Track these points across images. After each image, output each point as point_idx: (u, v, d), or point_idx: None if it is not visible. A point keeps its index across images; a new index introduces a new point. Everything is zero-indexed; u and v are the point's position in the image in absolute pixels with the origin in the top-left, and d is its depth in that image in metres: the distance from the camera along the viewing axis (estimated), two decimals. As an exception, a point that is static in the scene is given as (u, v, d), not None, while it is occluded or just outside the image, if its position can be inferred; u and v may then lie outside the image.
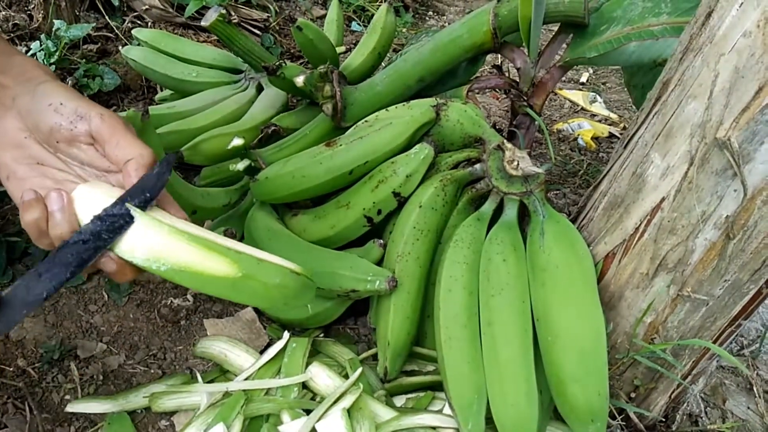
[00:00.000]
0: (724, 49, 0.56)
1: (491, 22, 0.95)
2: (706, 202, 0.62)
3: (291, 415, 0.75)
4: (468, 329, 0.77)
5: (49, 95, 0.61)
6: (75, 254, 0.57)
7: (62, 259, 0.56)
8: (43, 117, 0.61)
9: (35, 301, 0.55)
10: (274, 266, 0.61)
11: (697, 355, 0.75)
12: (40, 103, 0.61)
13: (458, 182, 0.86)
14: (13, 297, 0.55)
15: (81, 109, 0.61)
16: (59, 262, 0.56)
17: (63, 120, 0.61)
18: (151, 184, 0.61)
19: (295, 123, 1.12)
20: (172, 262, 0.58)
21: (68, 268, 0.56)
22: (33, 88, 0.62)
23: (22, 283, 0.56)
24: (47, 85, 0.62)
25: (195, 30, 1.70)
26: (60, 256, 0.57)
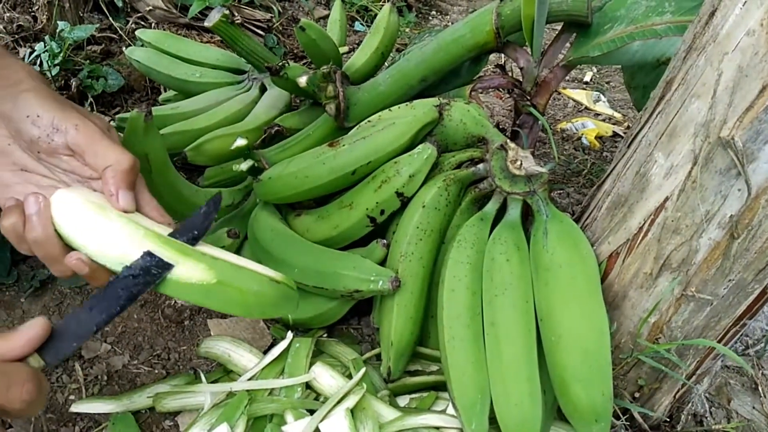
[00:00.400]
0: (728, 48, 0.56)
1: (494, 22, 0.95)
2: (710, 202, 0.62)
3: (294, 415, 0.75)
4: (471, 329, 0.77)
5: (28, 107, 0.61)
6: (125, 289, 0.58)
7: (113, 293, 0.58)
8: (23, 128, 0.61)
9: (85, 334, 0.57)
10: (252, 273, 0.61)
11: (701, 354, 0.75)
12: (20, 114, 0.61)
13: (461, 182, 0.86)
14: (64, 329, 0.56)
15: (57, 121, 0.61)
16: (110, 297, 0.58)
17: (40, 133, 0.61)
18: (199, 222, 0.63)
19: (299, 123, 1.12)
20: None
21: (118, 302, 0.58)
22: (15, 96, 0.62)
23: (74, 317, 0.57)
24: (27, 95, 0.62)
25: (198, 31, 1.70)
26: (110, 291, 0.58)
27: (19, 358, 0.53)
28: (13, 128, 0.62)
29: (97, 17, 1.63)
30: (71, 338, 0.56)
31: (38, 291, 0.96)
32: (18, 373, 0.51)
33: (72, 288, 0.97)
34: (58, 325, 0.56)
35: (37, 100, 0.61)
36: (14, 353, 0.52)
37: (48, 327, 0.54)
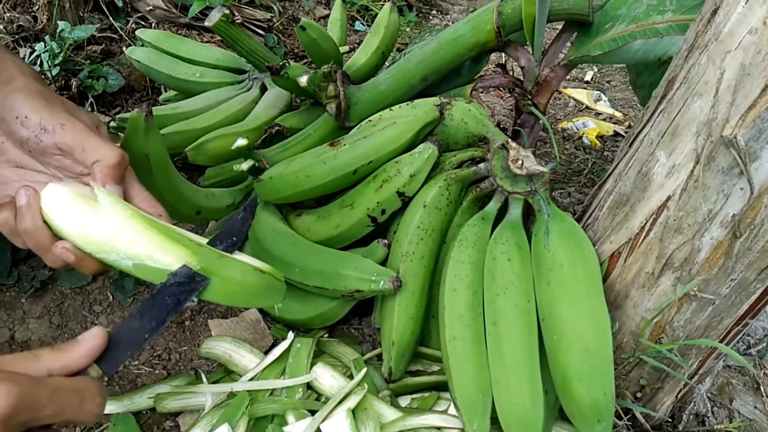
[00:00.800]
0: (730, 46, 0.56)
1: (495, 21, 0.95)
2: (713, 201, 0.61)
3: (296, 415, 0.75)
4: (473, 329, 0.76)
5: (17, 107, 0.62)
6: (172, 296, 0.59)
7: (161, 300, 0.59)
8: (14, 129, 0.62)
9: (138, 341, 0.58)
10: (236, 262, 0.62)
11: (703, 354, 0.74)
12: (11, 115, 0.62)
13: (462, 181, 0.86)
14: (119, 338, 0.57)
15: (44, 122, 0.61)
16: (158, 304, 0.59)
17: (29, 134, 0.61)
18: (237, 228, 0.65)
19: (299, 123, 1.12)
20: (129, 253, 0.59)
21: (167, 309, 0.59)
22: (6, 96, 0.62)
23: (126, 324, 0.58)
24: (17, 96, 0.62)
25: (199, 30, 1.70)
26: (159, 298, 0.59)
27: (81, 370, 0.53)
28: (5, 128, 0.62)
29: (98, 17, 1.63)
30: (125, 346, 0.57)
31: (39, 291, 0.96)
32: (89, 388, 0.51)
33: (72, 288, 0.97)
34: (113, 334, 0.57)
35: (26, 101, 0.62)
36: (77, 365, 0.52)
37: (106, 337, 0.55)
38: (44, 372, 0.50)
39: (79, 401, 0.50)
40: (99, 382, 0.53)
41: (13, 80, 0.63)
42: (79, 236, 0.59)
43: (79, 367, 0.53)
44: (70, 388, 0.50)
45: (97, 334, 0.54)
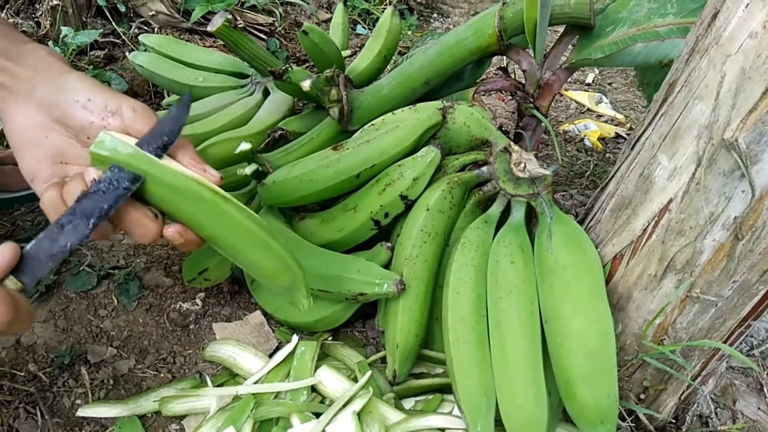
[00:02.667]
0: (731, 50, 0.56)
1: (497, 25, 0.95)
2: (714, 203, 0.62)
3: (301, 418, 0.76)
4: (476, 331, 0.77)
5: (75, 90, 0.59)
6: (96, 203, 0.56)
7: (83, 209, 0.56)
8: (72, 113, 0.59)
9: (59, 253, 0.55)
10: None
11: (706, 356, 0.75)
12: (66, 99, 0.59)
13: (465, 185, 0.86)
14: (37, 250, 0.55)
15: (111, 104, 0.59)
16: (80, 214, 0.56)
17: (94, 117, 0.59)
18: (169, 128, 0.61)
19: (302, 127, 1.12)
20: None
21: (90, 219, 0.56)
22: (54, 80, 0.59)
23: (45, 236, 0.55)
24: (69, 78, 0.59)
25: (201, 35, 1.71)
26: (80, 207, 0.56)
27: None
28: (56, 116, 0.59)
29: (100, 22, 1.64)
30: (45, 258, 0.55)
31: (44, 296, 0.96)
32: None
33: (77, 292, 0.97)
34: (31, 248, 0.55)
35: (82, 83, 0.59)
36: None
37: (17, 250, 0.53)
38: None
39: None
40: (6, 292, 0.51)
41: (54, 66, 0.61)
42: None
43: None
44: None
45: (5, 249, 0.53)
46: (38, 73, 0.60)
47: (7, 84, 0.60)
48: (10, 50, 0.60)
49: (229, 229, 0.62)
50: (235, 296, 1.02)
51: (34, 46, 0.62)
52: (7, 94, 0.60)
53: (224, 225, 0.62)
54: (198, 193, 0.59)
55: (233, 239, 0.63)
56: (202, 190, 0.59)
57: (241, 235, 0.63)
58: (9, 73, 0.60)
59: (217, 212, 0.61)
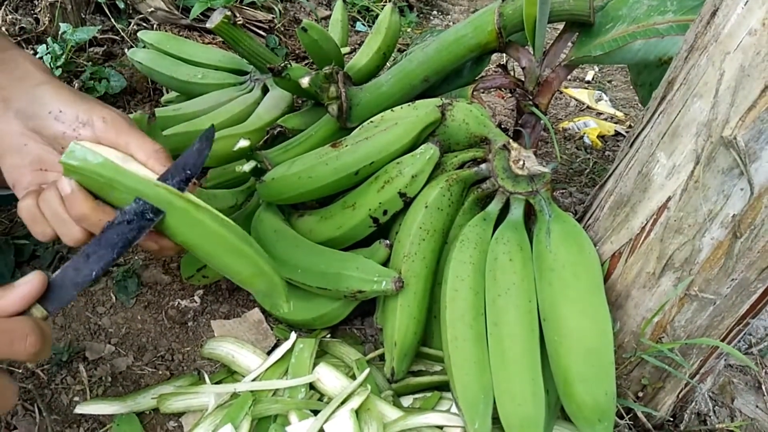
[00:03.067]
0: (730, 47, 0.56)
1: (496, 22, 0.95)
2: (713, 201, 0.62)
3: (299, 415, 0.76)
4: (474, 329, 0.77)
5: (48, 101, 0.60)
6: (120, 235, 0.58)
7: (108, 240, 0.58)
8: (45, 125, 0.60)
9: (84, 281, 0.57)
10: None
11: (705, 354, 0.75)
12: (40, 110, 0.60)
13: (464, 182, 0.86)
14: (63, 278, 0.57)
15: (82, 115, 0.60)
16: (105, 244, 0.58)
17: (65, 128, 0.60)
18: (192, 161, 0.63)
19: (301, 124, 1.12)
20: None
21: (114, 249, 0.58)
22: (30, 91, 0.60)
23: (71, 265, 0.57)
24: (44, 89, 0.60)
25: (200, 32, 1.70)
26: (106, 238, 0.58)
27: (20, 312, 0.53)
28: (32, 127, 0.60)
29: (99, 19, 1.63)
30: (71, 286, 0.57)
31: (42, 293, 0.96)
32: (20, 328, 0.51)
33: (76, 289, 0.97)
34: (57, 276, 0.57)
35: (58, 94, 0.60)
36: (14, 308, 0.53)
37: (44, 279, 0.55)
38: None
39: (9, 341, 0.50)
40: (35, 323, 0.53)
41: (31, 75, 0.61)
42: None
43: (16, 310, 0.53)
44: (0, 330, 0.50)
45: (34, 278, 0.54)
46: (16, 82, 0.61)
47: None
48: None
49: (202, 236, 0.63)
50: (234, 293, 1.02)
51: (16, 53, 0.63)
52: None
53: (197, 232, 0.62)
54: (170, 202, 0.60)
55: (207, 246, 0.64)
56: (174, 199, 0.60)
57: (214, 242, 0.63)
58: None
59: (189, 220, 0.61)
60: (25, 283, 0.54)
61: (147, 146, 0.61)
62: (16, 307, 0.53)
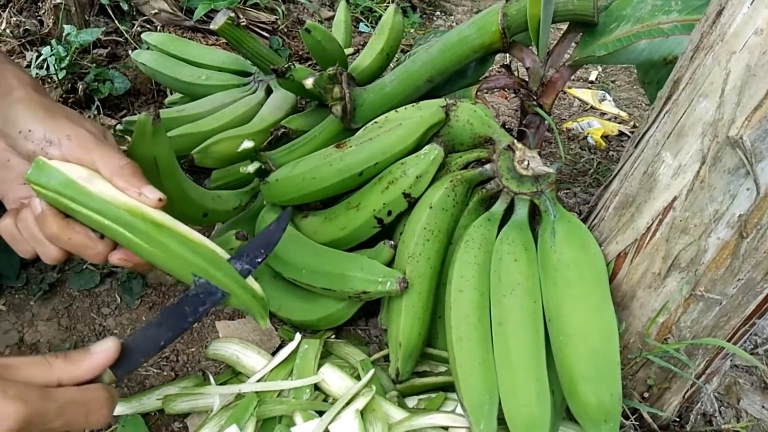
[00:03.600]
0: (736, 47, 0.56)
1: (500, 22, 0.95)
2: (719, 201, 0.61)
3: (304, 416, 0.76)
4: (479, 330, 0.77)
5: (19, 121, 0.60)
6: (192, 306, 0.61)
7: (181, 311, 0.61)
8: (17, 143, 0.60)
9: (154, 349, 0.60)
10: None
11: (710, 354, 0.74)
12: (14, 129, 0.60)
13: (468, 182, 0.86)
14: (135, 345, 0.58)
15: (49, 134, 0.60)
16: (178, 314, 0.61)
17: (35, 147, 0.60)
18: (267, 241, 0.67)
19: (305, 125, 1.12)
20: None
21: (186, 319, 0.61)
22: (6, 108, 0.61)
23: (144, 332, 0.59)
24: (17, 107, 0.60)
25: (204, 33, 1.71)
26: (179, 309, 0.61)
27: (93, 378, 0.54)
28: (10, 143, 0.61)
29: (103, 21, 1.64)
30: (140, 354, 0.59)
31: (47, 294, 0.97)
32: (96, 399, 0.52)
33: (81, 290, 0.98)
34: (129, 342, 0.58)
35: (28, 112, 0.60)
36: (88, 376, 0.53)
37: (119, 346, 0.55)
38: (54, 382, 0.51)
39: (86, 413, 0.51)
40: (108, 391, 0.53)
41: (12, 91, 0.62)
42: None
43: (89, 378, 0.53)
44: (78, 402, 0.50)
45: (111, 346, 0.55)
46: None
47: None
48: None
49: (166, 258, 0.62)
50: (238, 294, 1.02)
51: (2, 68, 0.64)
52: None
53: (161, 254, 0.62)
54: (131, 223, 0.60)
55: (171, 267, 0.63)
56: (135, 221, 0.60)
57: (178, 264, 0.63)
58: None
59: (151, 241, 0.61)
60: (102, 351, 0.54)
61: (112, 162, 0.60)
62: (91, 375, 0.53)
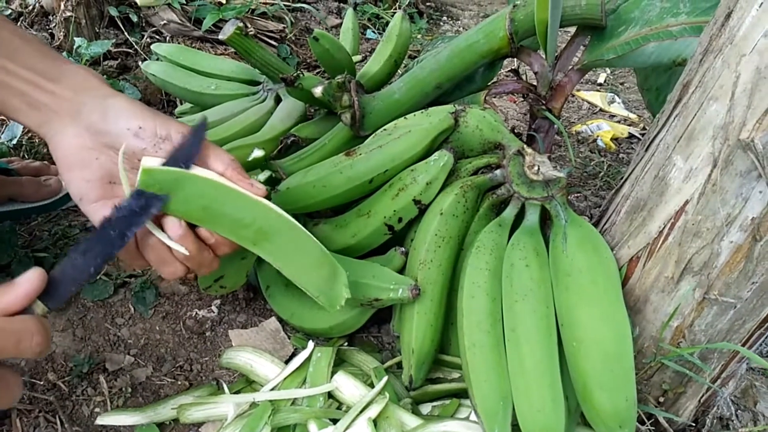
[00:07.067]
0: (745, 50, 0.56)
1: (507, 27, 0.95)
2: (731, 205, 0.61)
3: (318, 424, 0.76)
4: (492, 335, 0.76)
5: (124, 117, 0.60)
6: (117, 230, 0.58)
7: (105, 235, 0.58)
8: (123, 140, 0.60)
9: (82, 277, 0.58)
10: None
11: (726, 358, 0.74)
12: (116, 126, 0.59)
13: (479, 188, 0.86)
14: (62, 275, 0.57)
15: (161, 130, 0.60)
16: (103, 239, 0.58)
17: (146, 144, 0.60)
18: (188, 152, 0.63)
19: (314, 133, 1.12)
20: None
21: (113, 244, 0.58)
22: (100, 104, 0.60)
23: (69, 261, 0.57)
24: (116, 103, 0.60)
25: (212, 43, 1.72)
26: (102, 233, 0.58)
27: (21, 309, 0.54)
28: (106, 140, 0.60)
29: (113, 33, 1.65)
30: (70, 283, 0.57)
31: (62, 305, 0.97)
32: (26, 327, 0.52)
33: (95, 301, 0.98)
34: (56, 272, 0.57)
35: (131, 109, 0.60)
36: (16, 306, 0.53)
37: (44, 276, 0.55)
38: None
39: (16, 341, 0.51)
40: (38, 320, 0.53)
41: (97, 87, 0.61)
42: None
43: (18, 308, 0.53)
44: (8, 330, 0.51)
45: (34, 275, 0.54)
46: (81, 95, 0.60)
47: (51, 105, 0.60)
48: (50, 71, 0.61)
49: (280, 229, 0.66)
50: (251, 303, 1.03)
51: (75, 67, 0.63)
52: (52, 115, 0.60)
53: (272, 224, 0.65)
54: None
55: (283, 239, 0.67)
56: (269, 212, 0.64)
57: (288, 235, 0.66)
58: (51, 94, 0.60)
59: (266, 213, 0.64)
60: (26, 280, 0.54)
61: (224, 157, 0.62)
62: (19, 305, 0.53)
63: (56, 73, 0.61)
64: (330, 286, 0.70)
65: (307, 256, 0.67)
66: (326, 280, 0.69)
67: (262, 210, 0.64)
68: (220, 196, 0.62)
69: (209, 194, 0.61)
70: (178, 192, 0.60)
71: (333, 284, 0.70)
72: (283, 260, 0.66)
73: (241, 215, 0.63)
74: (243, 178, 0.63)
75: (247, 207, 0.63)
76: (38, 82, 0.60)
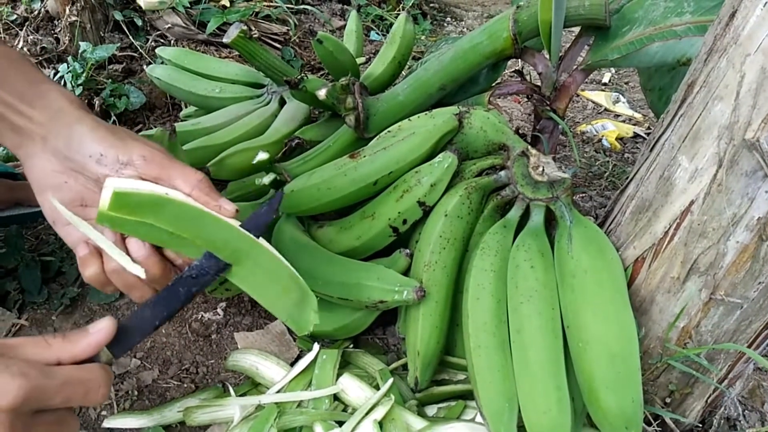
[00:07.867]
0: (750, 49, 0.56)
1: (511, 28, 0.95)
2: (737, 205, 0.61)
3: (323, 426, 0.76)
4: (497, 337, 0.76)
5: (87, 145, 0.60)
6: (185, 288, 0.61)
7: (174, 292, 0.61)
8: (87, 167, 0.60)
9: (149, 329, 0.60)
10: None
11: (732, 358, 0.74)
12: (80, 154, 0.60)
13: (483, 190, 0.86)
14: (130, 325, 0.59)
15: (122, 156, 0.60)
16: (171, 295, 0.61)
17: (108, 170, 0.60)
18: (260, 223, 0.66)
19: (318, 135, 1.13)
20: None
21: (178, 300, 0.61)
22: (66, 131, 0.60)
23: (139, 313, 0.60)
24: (80, 131, 0.60)
25: (217, 46, 1.72)
26: (172, 290, 0.61)
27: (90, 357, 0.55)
28: (72, 167, 0.61)
29: (118, 37, 1.66)
30: (136, 333, 0.59)
31: (68, 308, 0.98)
32: (94, 378, 0.53)
33: (101, 304, 0.99)
34: (125, 322, 0.59)
35: (93, 135, 0.60)
36: (86, 354, 0.54)
37: (115, 326, 0.56)
38: (54, 360, 0.52)
39: (85, 391, 0.52)
40: (106, 371, 0.54)
41: (66, 111, 0.61)
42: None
43: (87, 356, 0.54)
44: (77, 379, 0.51)
45: (107, 325, 0.55)
46: (52, 120, 0.61)
47: (25, 129, 0.61)
48: (28, 93, 0.61)
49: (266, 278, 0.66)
50: (256, 305, 1.03)
51: (47, 88, 0.63)
52: (26, 140, 0.61)
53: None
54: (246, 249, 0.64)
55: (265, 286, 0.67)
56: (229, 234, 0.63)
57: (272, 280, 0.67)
58: (28, 118, 0.61)
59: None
60: (99, 330, 0.55)
61: (190, 177, 0.61)
62: (88, 354, 0.54)
63: (33, 95, 0.62)
64: (299, 310, 0.67)
65: (277, 280, 0.66)
66: (296, 305, 0.67)
67: (232, 233, 0.63)
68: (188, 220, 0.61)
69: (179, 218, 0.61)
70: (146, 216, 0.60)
71: (302, 309, 0.67)
72: (252, 284, 0.65)
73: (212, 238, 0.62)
74: (211, 199, 0.62)
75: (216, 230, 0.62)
76: (17, 105, 0.61)
